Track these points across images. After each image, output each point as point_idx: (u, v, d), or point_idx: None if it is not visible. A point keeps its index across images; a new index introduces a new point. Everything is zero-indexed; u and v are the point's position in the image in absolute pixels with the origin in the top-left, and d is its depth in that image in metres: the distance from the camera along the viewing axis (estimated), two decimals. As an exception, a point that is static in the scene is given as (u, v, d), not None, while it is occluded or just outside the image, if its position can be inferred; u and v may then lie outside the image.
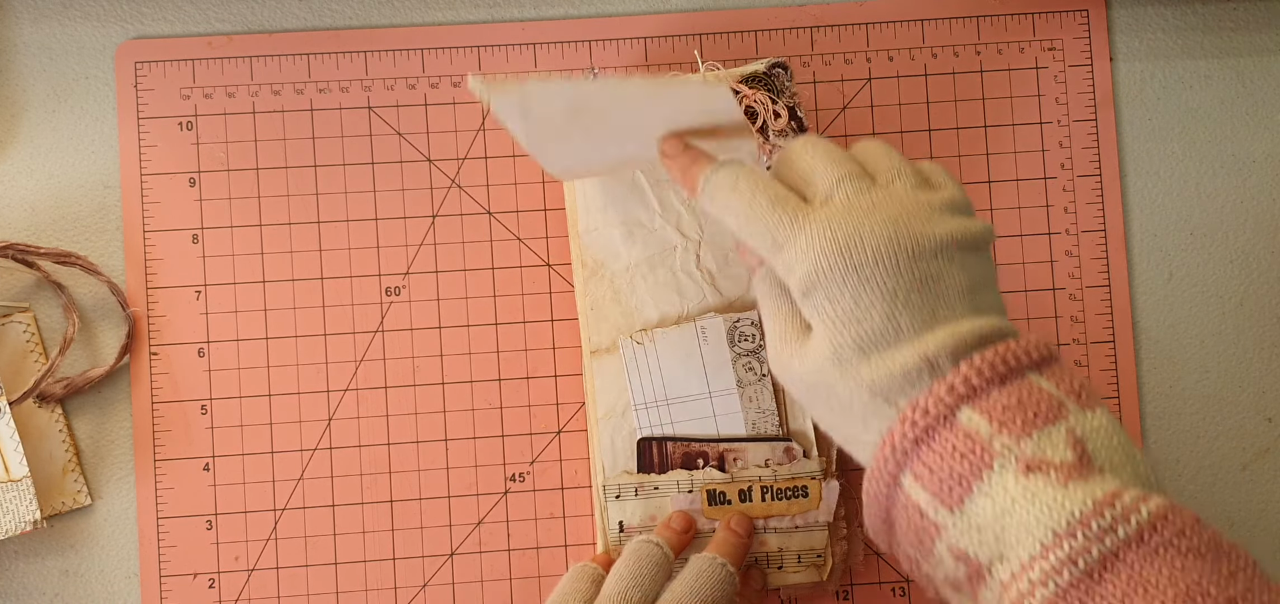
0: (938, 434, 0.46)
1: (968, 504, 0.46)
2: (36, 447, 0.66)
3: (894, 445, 0.47)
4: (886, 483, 0.48)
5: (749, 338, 0.63)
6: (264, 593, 0.67)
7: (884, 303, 0.48)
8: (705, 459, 0.63)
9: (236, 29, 0.69)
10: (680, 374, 0.63)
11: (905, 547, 0.49)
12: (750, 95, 0.64)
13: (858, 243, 0.49)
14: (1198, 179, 0.70)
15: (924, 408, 0.47)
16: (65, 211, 0.68)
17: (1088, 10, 0.70)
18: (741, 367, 0.63)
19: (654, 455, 0.64)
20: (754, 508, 0.63)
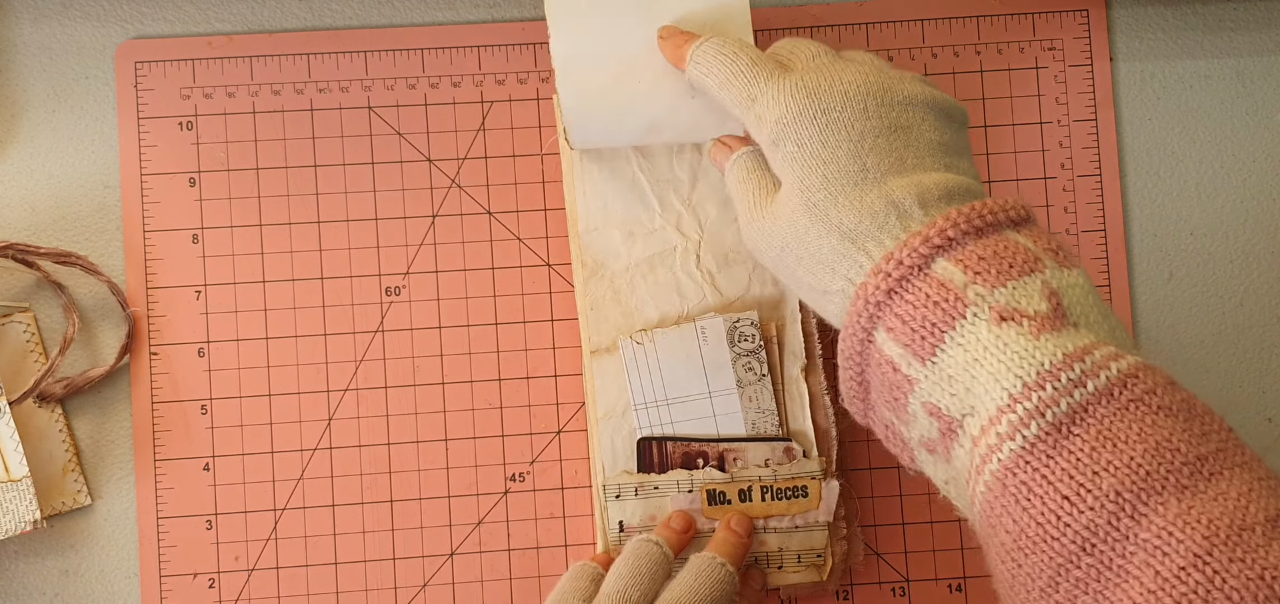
0: (910, 284, 0.46)
1: (940, 355, 0.45)
2: (36, 446, 0.66)
3: (867, 298, 0.46)
4: (859, 340, 0.47)
5: (749, 338, 0.63)
6: (264, 593, 0.67)
7: (850, 144, 0.49)
8: (705, 459, 0.63)
9: (236, 29, 0.69)
10: (680, 374, 0.63)
11: (881, 410, 0.49)
12: None
13: (827, 89, 0.50)
14: (1198, 179, 0.70)
15: (897, 259, 0.46)
16: (65, 211, 0.68)
17: (1088, 10, 0.70)
18: (741, 367, 0.63)
19: (654, 455, 0.63)
20: (754, 508, 0.63)
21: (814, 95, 0.50)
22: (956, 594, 0.68)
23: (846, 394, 0.50)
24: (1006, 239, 0.46)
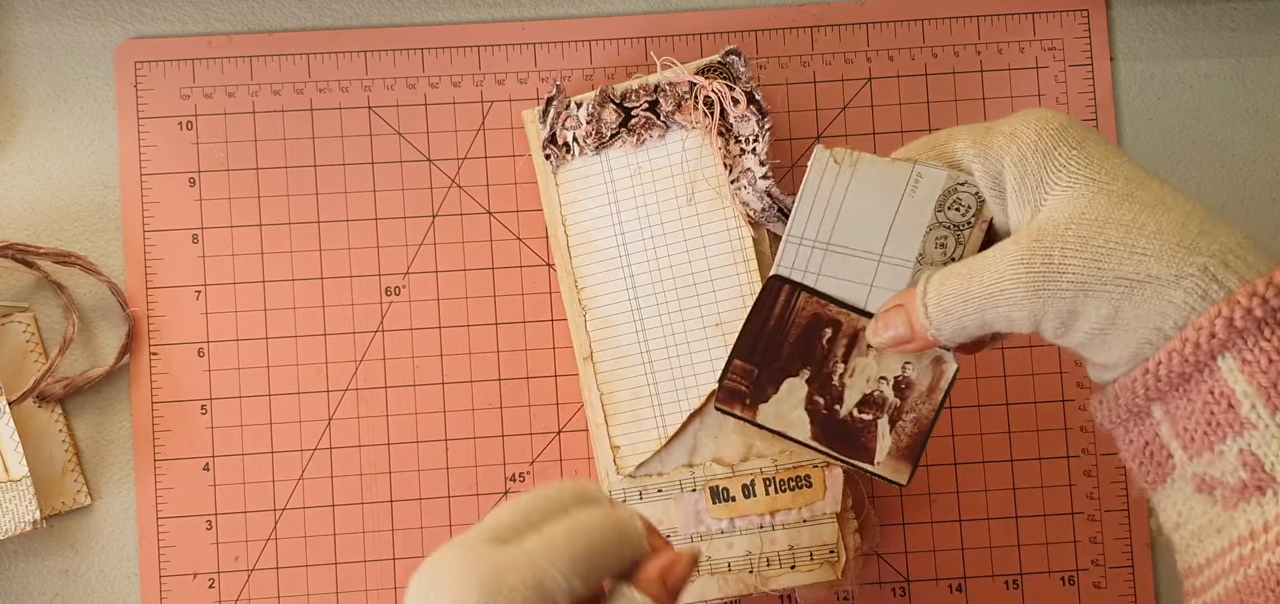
0: None
1: None
2: (36, 446, 0.66)
3: (1229, 318, 0.41)
4: (1193, 360, 0.43)
5: (963, 208, 0.50)
6: (264, 593, 0.67)
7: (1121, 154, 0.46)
8: (835, 331, 0.52)
9: (236, 29, 0.69)
10: (860, 220, 0.51)
11: (1161, 426, 0.45)
12: (707, 85, 0.63)
13: (1072, 119, 0.47)
14: (1198, 179, 0.70)
15: (1262, 294, 0.41)
16: (65, 211, 0.68)
17: (1088, 10, 0.70)
18: (933, 240, 0.51)
19: (778, 302, 0.52)
20: (759, 503, 0.63)
21: (1059, 116, 0.47)
22: (957, 594, 0.68)
23: (1119, 398, 0.46)
24: None
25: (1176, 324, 0.43)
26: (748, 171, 0.63)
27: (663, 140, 0.65)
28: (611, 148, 0.65)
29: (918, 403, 0.52)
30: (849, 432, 0.52)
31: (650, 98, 0.64)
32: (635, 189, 0.65)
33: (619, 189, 0.65)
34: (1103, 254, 0.43)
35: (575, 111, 0.65)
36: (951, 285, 0.47)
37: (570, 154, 0.65)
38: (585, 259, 0.65)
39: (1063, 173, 0.45)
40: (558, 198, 0.65)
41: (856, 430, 0.52)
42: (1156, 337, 0.44)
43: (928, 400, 0.52)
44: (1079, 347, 0.46)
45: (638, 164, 0.65)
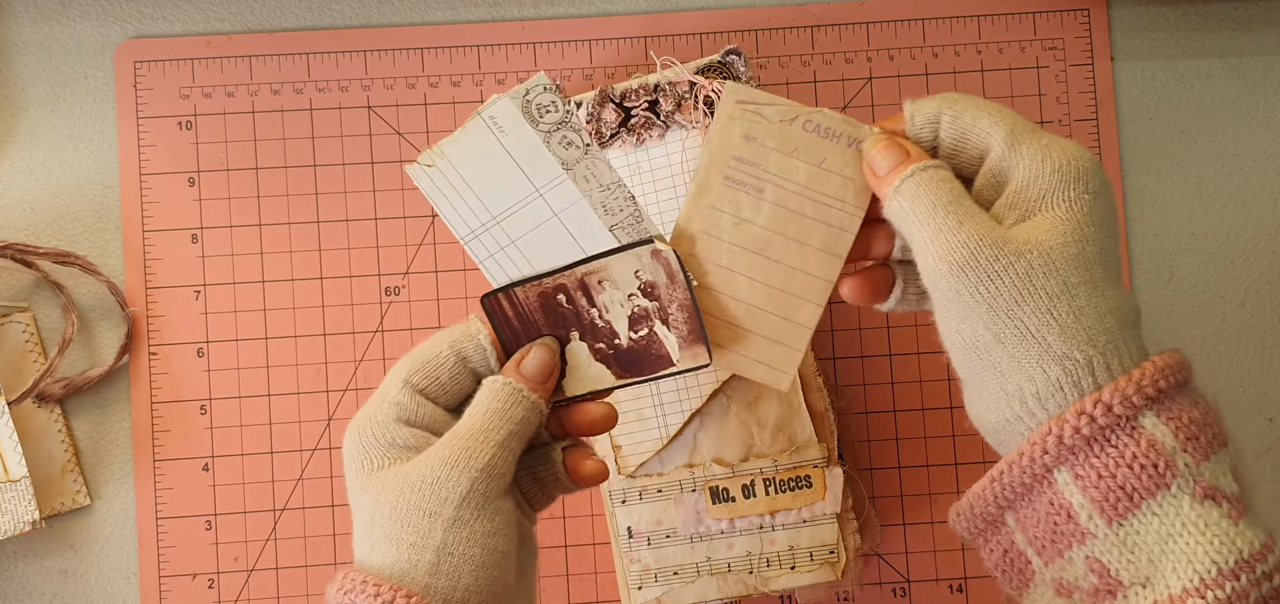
0: (1117, 438, 0.43)
1: (1131, 519, 0.43)
2: (35, 447, 0.66)
3: (1061, 439, 0.44)
4: (1030, 474, 0.45)
5: (550, 108, 0.51)
6: (263, 593, 0.67)
7: (1114, 226, 0.47)
8: (567, 294, 0.53)
9: (236, 28, 0.69)
10: (494, 184, 0.52)
11: (1013, 534, 0.46)
12: (707, 85, 0.63)
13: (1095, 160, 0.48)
14: (1198, 179, 0.70)
15: (1107, 404, 0.43)
16: (64, 211, 0.68)
17: (1088, 10, 0.70)
18: (557, 144, 0.51)
19: (506, 311, 0.52)
20: (758, 504, 0.63)
21: (1097, 162, 0.47)
22: (958, 595, 0.68)
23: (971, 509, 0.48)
24: (1203, 400, 0.44)
25: (1037, 394, 0.45)
26: None
27: (662, 140, 0.65)
28: (611, 148, 0.65)
29: (670, 294, 0.53)
30: (639, 353, 0.53)
31: (650, 98, 0.64)
32: (635, 189, 0.65)
33: None
34: (1028, 295, 0.45)
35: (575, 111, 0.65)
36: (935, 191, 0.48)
37: None
38: None
39: (1064, 206, 0.46)
40: None
41: (644, 348, 0.53)
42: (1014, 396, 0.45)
43: (675, 286, 0.53)
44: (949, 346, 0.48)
45: (637, 164, 0.65)
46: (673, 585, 0.63)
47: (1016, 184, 0.47)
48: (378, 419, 0.50)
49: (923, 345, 0.69)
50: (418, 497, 0.48)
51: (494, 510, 0.48)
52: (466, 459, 0.48)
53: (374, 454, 0.49)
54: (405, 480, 0.48)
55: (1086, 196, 0.46)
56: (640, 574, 0.64)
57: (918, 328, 0.69)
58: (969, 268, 0.46)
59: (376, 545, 0.48)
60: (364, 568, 0.48)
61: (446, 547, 0.47)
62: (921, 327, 0.69)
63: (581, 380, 0.53)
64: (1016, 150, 0.48)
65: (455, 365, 0.51)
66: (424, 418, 0.50)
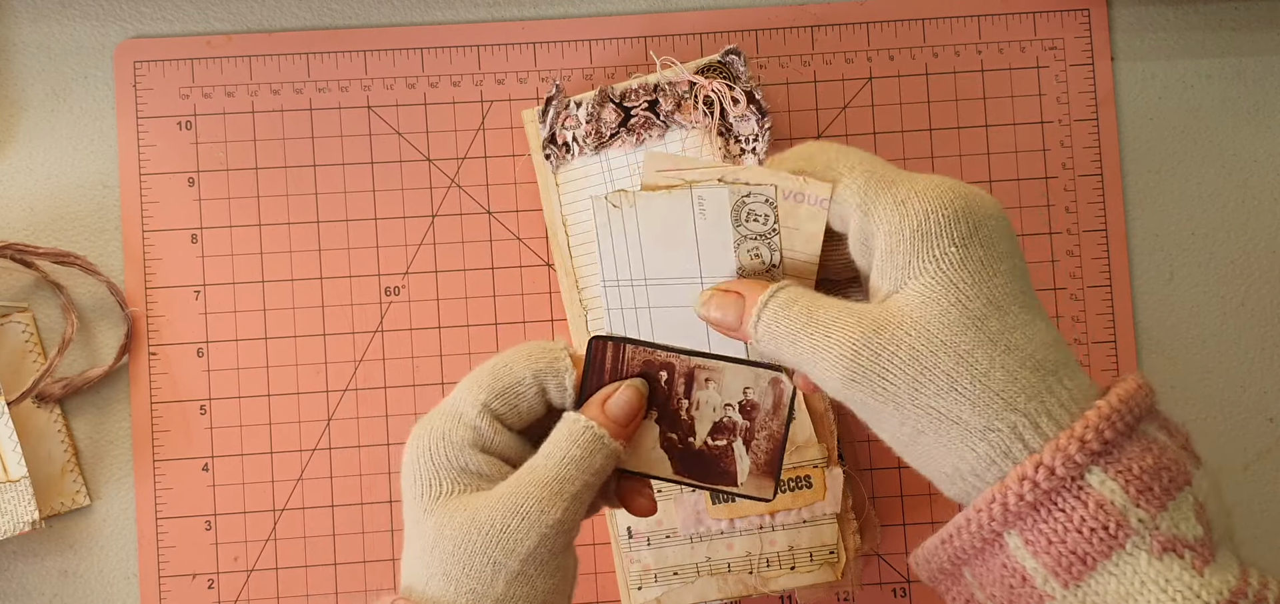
0: (1063, 500, 0.41)
1: (1089, 581, 0.40)
2: (35, 447, 0.66)
3: (1005, 505, 0.41)
4: (982, 537, 0.42)
5: (761, 219, 0.49)
6: (263, 593, 0.67)
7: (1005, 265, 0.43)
8: (669, 374, 0.51)
9: (235, 28, 0.69)
10: (664, 251, 0.51)
11: (982, 592, 0.44)
12: (707, 85, 0.63)
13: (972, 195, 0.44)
14: (1198, 179, 0.70)
15: (1049, 467, 0.41)
16: (64, 211, 0.68)
17: (1089, 10, 0.70)
18: (746, 253, 0.50)
19: (606, 360, 0.51)
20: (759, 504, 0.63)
21: (965, 197, 0.43)
22: (957, 594, 0.68)
23: (929, 561, 0.45)
24: (1155, 443, 0.41)
25: (974, 470, 0.42)
26: None
27: (662, 140, 0.65)
28: (611, 147, 0.65)
29: (766, 421, 0.52)
30: (707, 460, 0.52)
31: (650, 97, 0.64)
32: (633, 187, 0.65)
33: (619, 189, 0.65)
34: (925, 378, 0.42)
35: (575, 111, 0.65)
36: (789, 316, 0.45)
37: (570, 154, 0.65)
38: (586, 259, 0.65)
39: (932, 265, 0.43)
40: (558, 198, 0.65)
41: (714, 458, 0.52)
42: (955, 475, 0.43)
43: (775, 417, 0.52)
44: (885, 439, 0.45)
45: (638, 164, 0.65)
46: (672, 585, 0.63)
47: (879, 252, 0.44)
48: (453, 441, 0.48)
49: (923, 345, 0.69)
50: (484, 542, 0.46)
51: (557, 566, 0.47)
52: (539, 512, 0.46)
53: (445, 477, 0.47)
54: (474, 520, 0.46)
55: (954, 249, 0.43)
56: (640, 574, 0.64)
57: (918, 328, 0.69)
58: (856, 376, 0.43)
59: (434, 579, 0.46)
60: (413, 598, 0.46)
61: (506, 599, 0.46)
62: (921, 327, 0.69)
63: (639, 459, 0.52)
64: (872, 214, 0.44)
65: (536, 394, 0.49)
66: (499, 446, 0.48)
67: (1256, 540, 0.69)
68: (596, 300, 0.65)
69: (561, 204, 0.65)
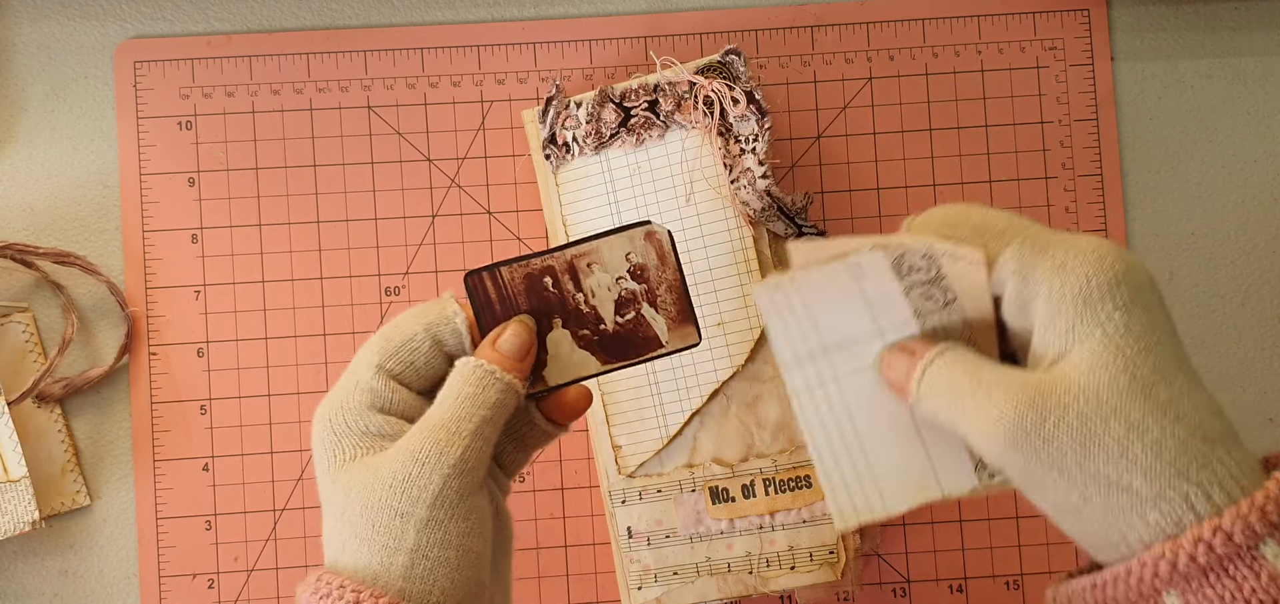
0: (1235, 568, 0.40)
1: None
2: (35, 447, 0.66)
3: (1174, 563, 0.40)
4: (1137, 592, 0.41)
5: (921, 269, 0.47)
6: (263, 593, 0.67)
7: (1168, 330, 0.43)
8: (553, 278, 0.51)
9: (236, 28, 0.69)
10: (835, 314, 0.48)
11: None
12: (707, 85, 0.63)
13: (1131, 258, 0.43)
14: (1198, 179, 0.70)
15: (1226, 532, 0.40)
16: (64, 211, 0.68)
17: (1089, 10, 0.70)
18: (918, 296, 0.47)
19: (489, 293, 0.51)
20: (758, 504, 0.63)
21: (1125, 261, 0.43)
22: (958, 595, 0.68)
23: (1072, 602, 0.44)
24: None
25: (1142, 539, 0.41)
26: (747, 171, 0.63)
27: (662, 140, 0.65)
28: (611, 147, 0.65)
29: (660, 275, 0.52)
30: (625, 338, 0.52)
31: (650, 97, 0.64)
32: (635, 189, 0.65)
33: (619, 189, 0.65)
34: (1095, 445, 0.41)
35: (575, 111, 0.65)
36: (953, 377, 0.44)
37: (570, 154, 0.65)
38: None
39: (1098, 331, 0.42)
40: (558, 198, 0.65)
41: (630, 332, 0.52)
42: (1120, 543, 0.42)
43: (665, 267, 0.52)
44: (1040, 507, 0.44)
45: (637, 164, 0.65)
46: (672, 585, 0.63)
47: (1040, 320, 0.44)
48: (350, 406, 0.48)
49: (923, 345, 0.69)
50: (389, 494, 0.45)
51: (468, 509, 0.46)
52: (438, 454, 0.46)
53: (346, 443, 0.47)
54: (376, 475, 0.46)
55: (1118, 314, 0.42)
56: (640, 574, 0.64)
57: (918, 328, 0.69)
58: (1018, 440, 0.42)
59: (347, 544, 0.46)
60: (337, 569, 0.46)
61: (419, 549, 0.45)
62: (921, 327, 0.69)
63: (564, 369, 0.52)
64: (1030, 279, 0.44)
65: (430, 349, 0.49)
66: (398, 404, 0.48)
67: (1256, 540, 0.69)
68: None
69: (562, 204, 0.65)
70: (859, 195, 0.69)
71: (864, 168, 0.69)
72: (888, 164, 0.69)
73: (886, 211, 0.69)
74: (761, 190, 0.63)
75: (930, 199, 0.69)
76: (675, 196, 0.65)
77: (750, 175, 0.63)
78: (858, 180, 0.69)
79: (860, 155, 0.69)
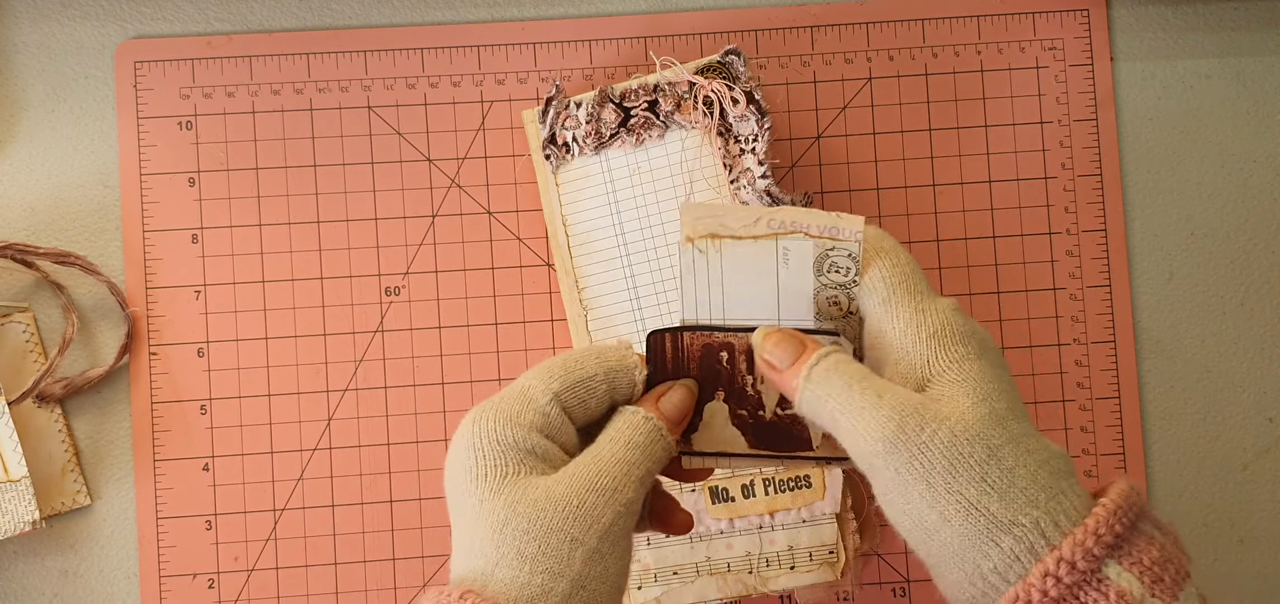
0: (1085, 594, 0.42)
1: None
2: (36, 447, 0.66)
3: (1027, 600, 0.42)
4: None
5: (842, 270, 0.50)
6: (264, 593, 0.67)
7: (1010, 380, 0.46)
8: (729, 354, 0.51)
9: (236, 28, 0.69)
10: (746, 294, 0.51)
11: None
12: (707, 85, 0.63)
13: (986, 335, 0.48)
14: (1198, 179, 0.70)
15: (1069, 561, 0.42)
16: (64, 211, 0.68)
17: (1088, 10, 0.70)
18: (825, 300, 0.51)
19: (666, 351, 0.52)
20: (758, 503, 0.63)
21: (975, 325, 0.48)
22: (957, 594, 0.68)
23: None
24: (1156, 538, 0.43)
25: (996, 569, 0.43)
26: (747, 171, 0.63)
27: (662, 140, 0.65)
28: (611, 148, 0.65)
29: None
30: (779, 430, 0.52)
31: (650, 98, 0.64)
32: (635, 189, 0.65)
33: (619, 189, 0.65)
34: (960, 464, 0.44)
35: (574, 111, 0.65)
36: (841, 376, 0.47)
37: (570, 154, 0.65)
38: (586, 259, 0.65)
39: (954, 367, 0.46)
40: (558, 198, 0.65)
41: (786, 425, 0.52)
42: (974, 573, 0.44)
43: None
44: (900, 530, 0.46)
45: (637, 164, 0.65)
46: (672, 585, 0.63)
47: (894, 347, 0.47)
48: (520, 422, 0.47)
49: (923, 345, 0.69)
50: (562, 519, 0.45)
51: (625, 548, 0.47)
52: (613, 489, 0.46)
53: (511, 459, 0.47)
54: (549, 496, 0.46)
55: (971, 357, 0.46)
56: (640, 574, 0.64)
57: (918, 328, 0.69)
58: (900, 442, 0.44)
59: (505, 561, 0.45)
60: (489, 588, 0.44)
61: (582, 580, 0.45)
62: (921, 327, 0.69)
63: (713, 439, 0.52)
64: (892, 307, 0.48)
65: (604, 391, 0.50)
66: (563, 436, 0.49)
67: (1256, 540, 0.69)
68: (596, 300, 0.65)
69: (561, 204, 0.65)
70: (859, 195, 0.69)
71: (864, 168, 0.69)
72: (888, 164, 0.69)
73: (886, 212, 0.69)
74: (761, 190, 0.63)
75: (930, 199, 0.69)
76: (675, 196, 0.65)
77: (750, 175, 0.63)
78: (858, 180, 0.69)
79: (860, 155, 0.69)
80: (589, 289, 0.65)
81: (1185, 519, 0.69)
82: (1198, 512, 0.69)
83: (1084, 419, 0.68)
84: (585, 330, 0.65)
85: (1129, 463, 0.68)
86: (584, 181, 0.65)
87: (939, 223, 0.69)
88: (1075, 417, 0.68)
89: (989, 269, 0.69)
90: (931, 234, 0.69)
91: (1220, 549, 0.69)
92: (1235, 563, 0.69)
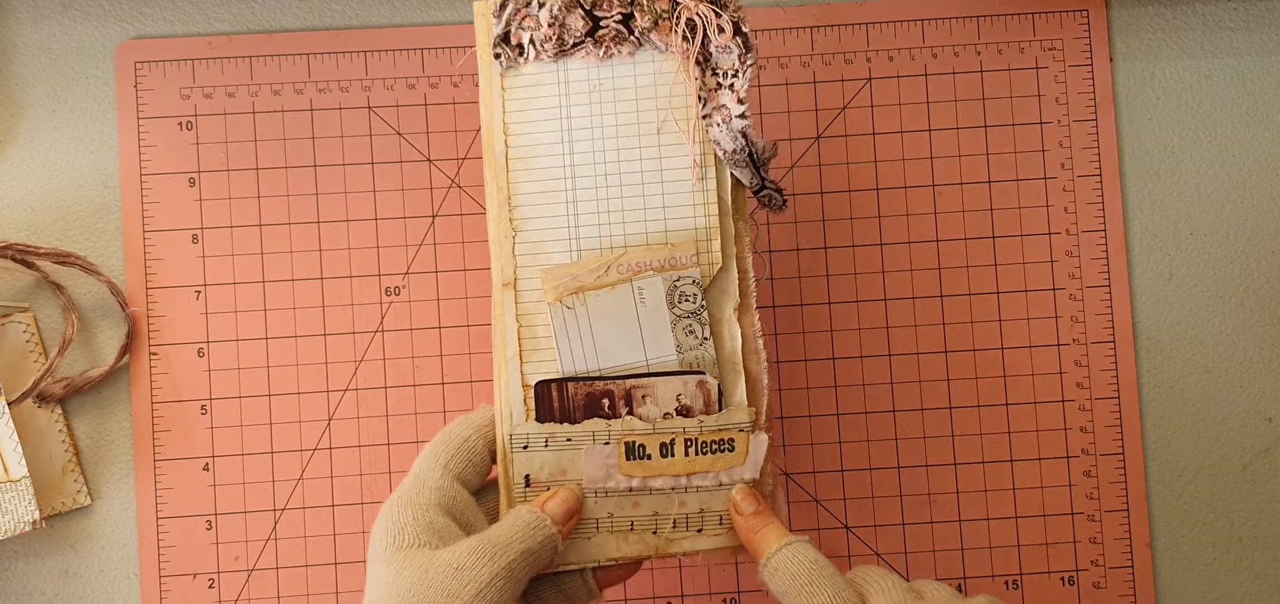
0: None
1: None
2: (36, 447, 0.66)
3: None
4: None
5: (690, 298, 0.56)
6: (264, 593, 0.67)
7: None
8: (610, 400, 0.57)
9: (236, 29, 0.69)
10: (615, 343, 0.57)
11: None
12: (692, 7, 0.57)
13: None
14: (1198, 179, 0.70)
15: None
16: (65, 211, 0.68)
17: (1088, 10, 0.70)
18: (681, 330, 0.56)
19: (553, 401, 0.57)
20: (676, 464, 0.58)
21: None
22: (957, 594, 0.68)
23: None
24: None
25: None
26: (723, 108, 0.58)
27: (632, 59, 0.59)
28: (573, 57, 0.59)
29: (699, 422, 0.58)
30: None
31: (625, 9, 0.58)
32: (593, 107, 0.59)
33: (574, 105, 0.59)
34: None
35: (536, 12, 0.58)
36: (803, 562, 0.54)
37: (524, 57, 0.59)
38: (524, 175, 0.59)
39: (828, 586, 0.53)
40: (502, 103, 0.59)
41: None
42: None
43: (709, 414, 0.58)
44: None
45: (599, 80, 0.59)
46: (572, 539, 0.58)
47: None
48: (420, 502, 0.54)
49: (922, 346, 0.69)
50: (441, 577, 0.51)
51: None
52: (492, 554, 0.52)
53: (408, 532, 0.53)
54: (432, 561, 0.52)
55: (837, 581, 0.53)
56: None
57: (917, 329, 0.69)
58: None
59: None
60: None
61: None
62: (921, 328, 0.69)
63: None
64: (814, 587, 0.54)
65: (484, 452, 0.57)
66: (459, 507, 0.55)
67: (1256, 540, 0.69)
68: (528, 222, 0.59)
69: (505, 111, 0.59)
70: (859, 195, 0.69)
71: (864, 168, 0.69)
72: (887, 164, 0.69)
73: (886, 212, 0.69)
74: (738, 130, 0.57)
75: (929, 199, 0.69)
76: (638, 124, 0.59)
77: (726, 113, 0.58)
78: (857, 180, 0.69)
79: (860, 155, 0.69)
80: (522, 208, 0.59)
81: (1185, 519, 0.69)
82: (1197, 512, 0.69)
83: (1083, 419, 0.68)
84: (511, 254, 0.59)
85: (1128, 463, 0.68)
86: (535, 90, 0.59)
87: (939, 223, 0.69)
88: (1075, 417, 0.68)
89: (989, 269, 0.69)
90: (931, 234, 0.69)
91: (1220, 549, 0.69)
92: (1235, 563, 0.69)
